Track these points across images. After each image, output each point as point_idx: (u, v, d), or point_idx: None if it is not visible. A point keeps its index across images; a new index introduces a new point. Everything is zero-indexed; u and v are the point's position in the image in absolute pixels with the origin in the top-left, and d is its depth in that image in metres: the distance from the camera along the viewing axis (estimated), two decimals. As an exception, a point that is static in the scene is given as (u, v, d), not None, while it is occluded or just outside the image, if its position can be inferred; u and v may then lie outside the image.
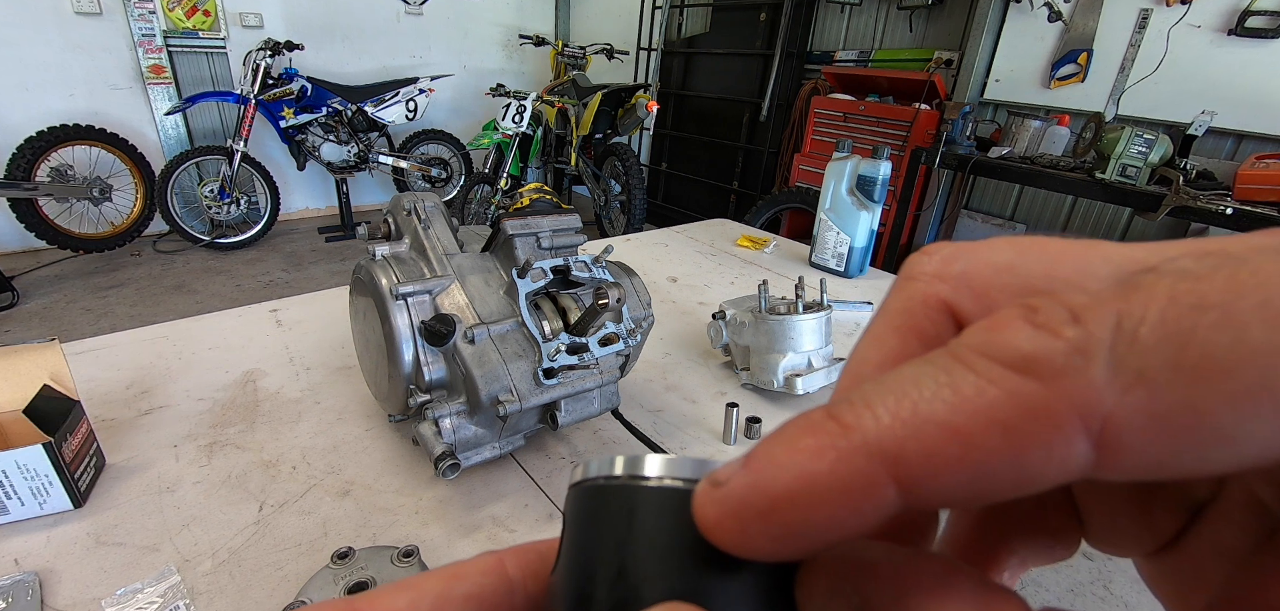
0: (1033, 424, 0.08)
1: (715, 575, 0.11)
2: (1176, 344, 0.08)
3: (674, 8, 4.48)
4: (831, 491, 0.09)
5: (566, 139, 4.05)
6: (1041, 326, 0.09)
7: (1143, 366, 0.08)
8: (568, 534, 0.13)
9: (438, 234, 0.65)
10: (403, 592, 0.13)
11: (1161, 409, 0.08)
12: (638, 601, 0.11)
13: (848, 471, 0.09)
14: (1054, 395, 0.08)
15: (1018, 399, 0.08)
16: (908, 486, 0.09)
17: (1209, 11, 2.42)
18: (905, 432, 0.09)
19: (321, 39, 4.06)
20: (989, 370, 0.09)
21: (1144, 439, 0.08)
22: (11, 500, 0.53)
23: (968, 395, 0.09)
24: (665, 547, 0.11)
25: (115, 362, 0.79)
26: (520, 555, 0.14)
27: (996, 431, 0.08)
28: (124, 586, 0.49)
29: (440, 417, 0.58)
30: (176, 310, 2.88)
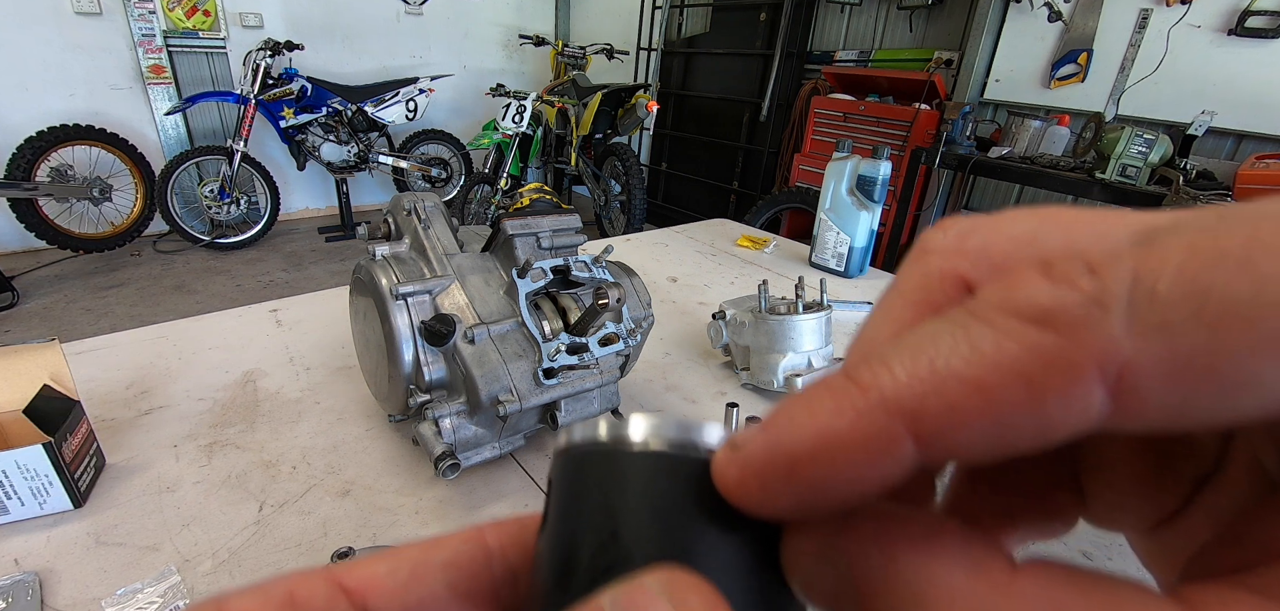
0: (1052, 374, 0.08)
1: (704, 538, 0.11)
2: (1195, 294, 0.08)
3: (674, 8, 4.48)
4: (852, 448, 0.09)
5: (566, 139, 4.05)
6: (1059, 280, 0.09)
7: (1161, 315, 0.08)
8: (554, 499, 0.13)
9: (438, 234, 0.65)
10: (382, 560, 0.13)
11: (1179, 356, 0.08)
12: (628, 563, 0.11)
13: (868, 427, 0.09)
14: (1072, 345, 0.08)
15: (1037, 350, 0.09)
16: (927, 441, 0.09)
17: (1209, 11, 2.42)
18: (925, 388, 0.09)
19: (321, 39, 4.06)
20: (1007, 324, 0.09)
21: (1161, 386, 0.08)
22: (11, 500, 0.53)
23: (986, 350, 0.09)
24: (654, 510, 0.11)
25: (115, 362, 0.79)
26: (500, 527, 0.14)
27: (1017, 383, 0.09)
28: (124, 586, 0.49)
29: (440, 417, 0.58)
30: (176, 310, 2.88)
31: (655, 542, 0.11)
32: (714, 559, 0.11)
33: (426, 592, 0.13)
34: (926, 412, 0.09)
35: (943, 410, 0.09)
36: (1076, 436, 0.09)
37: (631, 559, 0.11)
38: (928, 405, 0.09)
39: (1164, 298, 0.08)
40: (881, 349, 0.10)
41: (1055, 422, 0.09)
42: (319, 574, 0.12)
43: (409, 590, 0.13)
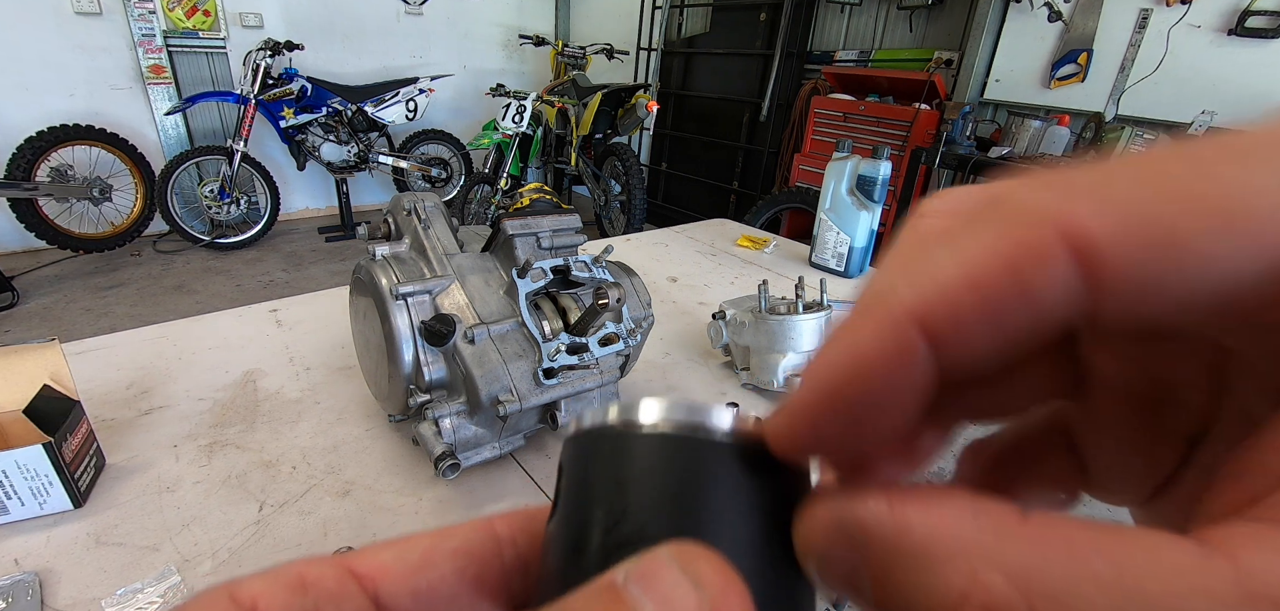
0: (1029, 254, 0.10)
1: (715, 515, 0.11)
2: (1150, 181, 0.09)
3: (674, 8, 4.48)
4: (878, 360, 0.11)
5: (566, 139, 4.05)
6: (1034, 191, 0.10)
7: (1120, 197, 0.09)
8: (565, 483, 0.13)
9: (438, 234, 0.65)
10: (392, 547, 0.13)
11: (1138, 227, 0.09)
12: (641, 540, 0.11)
13: (888, 338, 0.10)
14: (1045, 227, 0.10)
15: (1015, 240, 0.10)
16: (938, 340, 0.10)
17: (1209, 11, 2.42)
18: (929, 295, 0.10)
19: (321, 39, 4.05)
20: (991, 228, 0.10)
21: (1125, 257, 0.09)
22: (11, 500, 0.53)
23: (976, 253, 0.10)
24: (665, 489, 0.11)
25: (115, 362, 0.79)
26: (509, 517, 0.14)
27: (1003, 272, 0.10)
28: (124, 586, 0.49)
29: (440, 417, 0.58)
30: (176, 310, 2.88)
31: (667, 519, 0.11)
32: (726, 535, 0.11)
33: (436, 579, 0.13)
34: (934, 315, 0.10)
35: (947, 309, 0.10)
36: (1064, 319, 0.10)
37: (644, 536, 0.11)
38: (934, 309, 0.10)
39: (1121, 184, 0.09)
40: (887, 278, 0.11)
41: (1040, 300, 0.10)
42: (329, 560, 0.12)
43: (419, 576, 0.13)
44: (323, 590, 0.12)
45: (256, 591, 0.11)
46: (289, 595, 0.11)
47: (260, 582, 0.12)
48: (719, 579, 0.10)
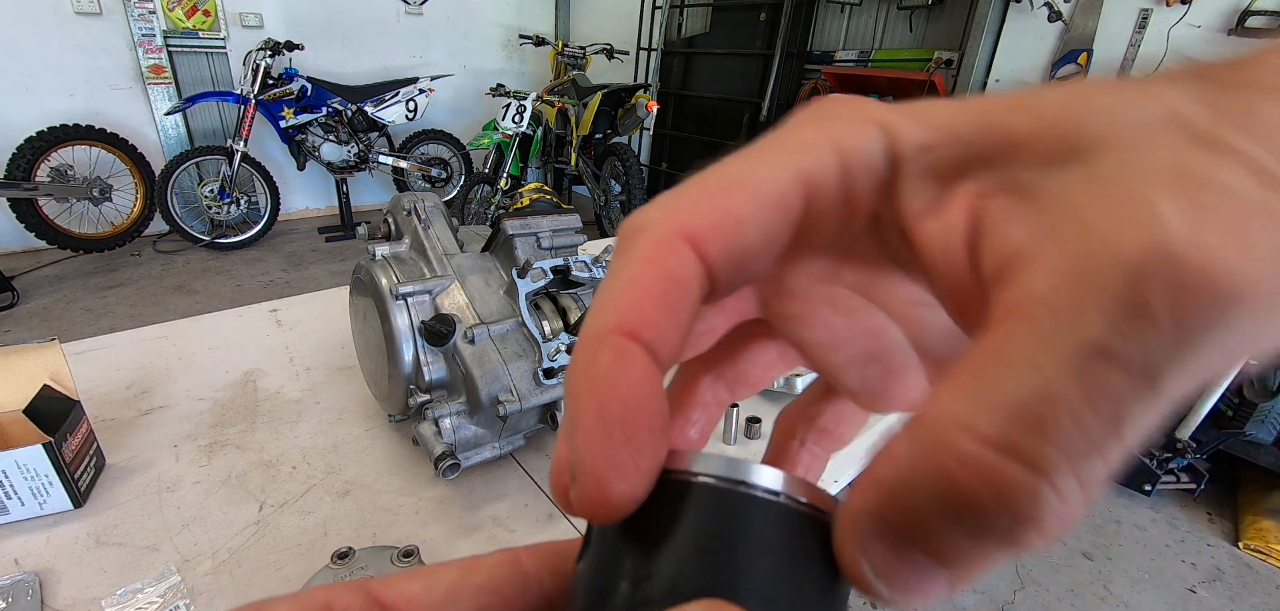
0: (668, 250, 0.12)
1: (749, 573, 0.11)
2: (716, 179, 0.12)
3: (674, 8, 4.48)
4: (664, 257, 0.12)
5: (566, 139, 4.05)
6: (657, 207, 0.13)
7: (703, 199, 0.12)
8: (597, 526, 0.13)
9: (438, 234, 0.65)
10: (418, 578, 0.13)
11: (719, 220, 0.12)
12: (674, 595, 0.11)
13: (660, 245, 0.12)
14: (657, 238, 0.12)
15: (653, 243, 0.12)
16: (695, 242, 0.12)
17: (1209, 11, 2.42)
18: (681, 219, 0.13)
19: (321, 39, 4.05)
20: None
21: (710, 241, 0.12)
22: (11, 500, 0.53)
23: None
24: (699, 543, 0.11)
25: (115, 362, 0.79)
26: (536, 551, 0.14)
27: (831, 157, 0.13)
28: (124, 586, 0.49)
29: (440, 417, 0.58)
30: (176, 310, 2.88)
31: (699, 576, 0.11)
32: (759, 595, 0.11)
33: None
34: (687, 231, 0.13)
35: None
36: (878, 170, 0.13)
37: (676, 591, 0.11)
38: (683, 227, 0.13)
39: (698, 190, 0.12)
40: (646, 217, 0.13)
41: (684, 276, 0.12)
42: (355, 587, 0.12)
43: (445, 609, 0.13)
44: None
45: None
46: None
47: (286, 606, 0.12)
48: None
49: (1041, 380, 0.09)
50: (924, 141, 0.12)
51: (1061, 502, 0.09)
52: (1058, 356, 0.09)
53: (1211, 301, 0.08)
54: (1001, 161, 0.11)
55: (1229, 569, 1.79)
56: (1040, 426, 0.09)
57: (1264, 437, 1.90)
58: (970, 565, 0.10)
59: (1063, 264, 0.09)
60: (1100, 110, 0.10)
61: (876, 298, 0.16)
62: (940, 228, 0.12)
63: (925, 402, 0.10)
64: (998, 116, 0.11)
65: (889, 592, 0.11)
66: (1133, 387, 0.08)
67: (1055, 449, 0.09)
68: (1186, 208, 0.09)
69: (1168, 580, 1.73)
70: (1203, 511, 2.01)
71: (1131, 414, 0.09)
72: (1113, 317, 0.08)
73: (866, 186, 0.13)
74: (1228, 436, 1.94)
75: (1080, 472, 0.09)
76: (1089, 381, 0.09)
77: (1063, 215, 0.10)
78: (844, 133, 0.12)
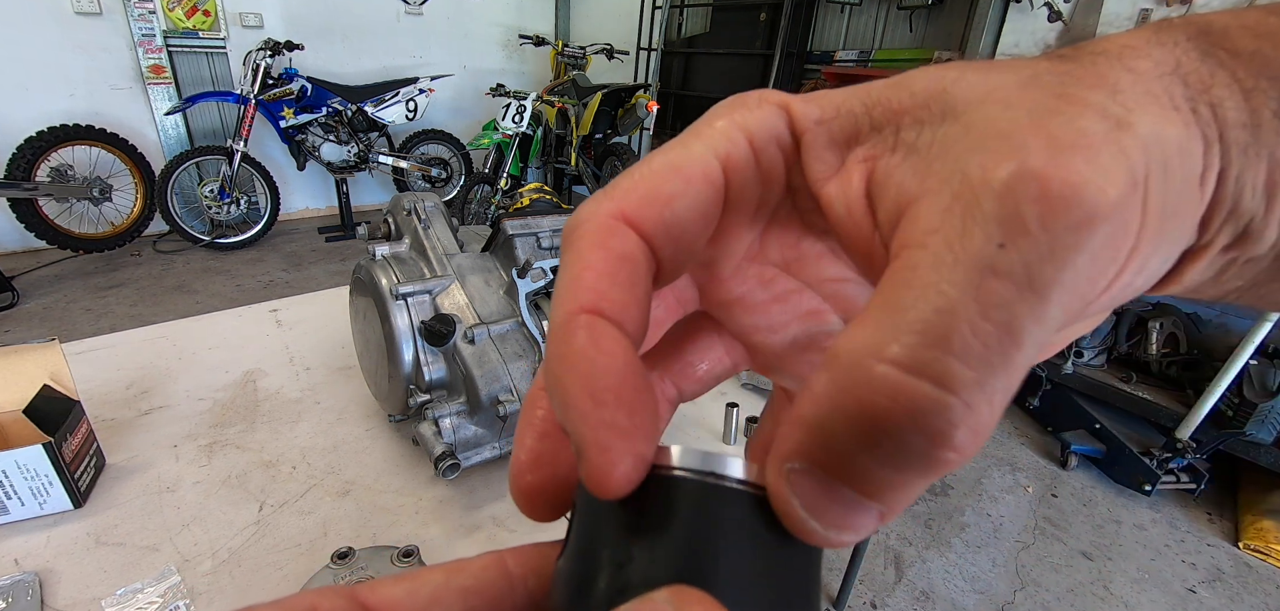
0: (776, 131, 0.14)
1: (720, 562, 0.11)
2: (651, 169, 0.13)
3: (674, 8, 4.48)
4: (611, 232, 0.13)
5: (566, 139, 4.05)
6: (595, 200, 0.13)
7: (641, 184, 0.13)
8: (576, 522, 0.13)
9: (438, 234, 0.65)
10: (403, 582, 0.13)
11: (648, 201, 0.13)
12: (646, 585, 0.11)
13: (611, 219, 0.13)
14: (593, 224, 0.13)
15: (598, 222, 0.13)
16: (634, 222, 0.13)
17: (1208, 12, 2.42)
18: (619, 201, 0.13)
19: (321, 39, 4.05)
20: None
21: (642, 219, 0.13)
22: (11, 500, 0.53)
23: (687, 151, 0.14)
24: (672, 534, 0.12)
25: (115, 362, 0.79)
26: (521, 553, 0.14)
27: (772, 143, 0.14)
28: (124, 586, 0.49)
29: (440, 417, 0.58)
30: (176, 310, 2.88)
31: (671, 564, 0.11)
32: (729, 582, 0.11)
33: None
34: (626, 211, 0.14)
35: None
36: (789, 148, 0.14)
37: (648, 580, 0.11)
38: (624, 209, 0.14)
39: (640, 174, 0.13)
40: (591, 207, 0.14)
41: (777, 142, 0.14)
42: (341, 591, 0.12)
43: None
44: None
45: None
46: None
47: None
48: None
49: (941, 299, 0.09)
50: (819, 116, 0.14)
51: (970, 414, 0.09)
52: (951, 276, 0.10)
53: (1075, 212, 0.09)
54: (887, 127, 0.13)
55: (1229, 569, 1.79)
56: (944, 343, 0.09)
57: (1264, 437, 1.90)
58: (895, 495, 0.10)
59: (947, 196, 0.10)
60: (967, 81, 0.12)
61: (805, 276, 0.17)
62: (841, 186, 0.13)
63: (839, 338, 0.10)
64: (879, 93, 0.13)
65: (823, 530, 0.11)
66: (1019, 295, 0.09)
67: (960, 363, 0.09)
68: (1047, 142, 0.10)
69: (1168, 580, 1.73)
70: (1203, 511, 2.01)
71: (1022, 321, 0.09)
72: (993, 234, 0.10)
73: (776, 159, 0.14)
74: (1228, 436, 1.94)
75: (984, 383, 0.09)
76: (981, 294, 0.09)
77: (943, 159, 0.11)
78: (750, 116, 0.14)
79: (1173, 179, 0.11)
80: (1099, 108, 0.10)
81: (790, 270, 0.17)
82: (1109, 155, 0.10)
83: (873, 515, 0.11)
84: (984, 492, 2.03)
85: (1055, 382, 2.33)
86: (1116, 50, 0.12)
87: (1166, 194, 0.11)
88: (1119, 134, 0.10)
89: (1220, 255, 0.13)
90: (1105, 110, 0.10)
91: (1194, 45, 0.12)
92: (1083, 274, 0.10)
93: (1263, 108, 0.12)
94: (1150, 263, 0.11)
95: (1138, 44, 0.12)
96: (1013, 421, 2.43)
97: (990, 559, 1.77)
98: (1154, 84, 0.11)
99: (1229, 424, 1.96)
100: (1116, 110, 0.10)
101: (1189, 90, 0.11)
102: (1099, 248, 0.10)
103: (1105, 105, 0.10)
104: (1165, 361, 2.19)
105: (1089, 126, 0.10)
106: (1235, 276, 0.13)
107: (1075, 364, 2.31)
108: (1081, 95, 0.11)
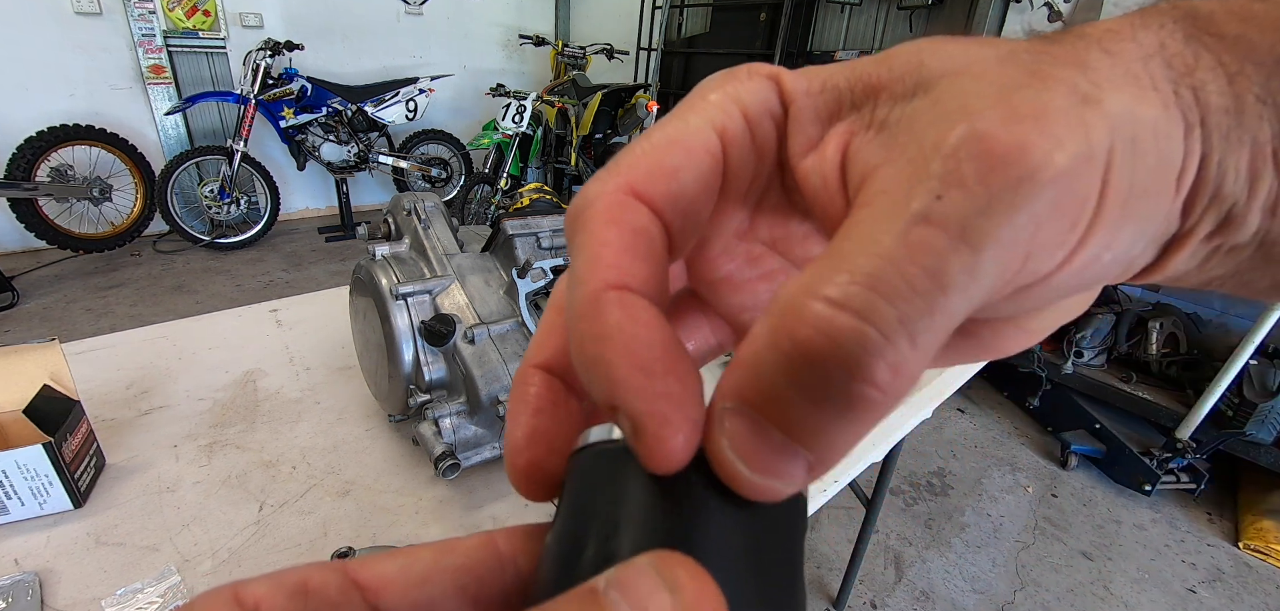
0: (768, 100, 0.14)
1: (701, 527, 0.12)
2: (659, 134, 0.14)
3: (674, 8, 4.48)
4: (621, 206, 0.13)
5: (566, 139, 4.05)
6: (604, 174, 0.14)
7: (645, 153, 0.13)
8: (564, 497, 0.13)
9: (438, 234, 0.65)
10: (395, 558, 0.13)
11: (653, 173, 0.13)
12: (632, 552, 0.11)
13: (619, 195, 0.13)
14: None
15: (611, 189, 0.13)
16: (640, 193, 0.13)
17: (1209, 11, 2.42)
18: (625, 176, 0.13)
19: (321, 39, 4.05)
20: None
21: (650, 189, 0.13)
22: (11, 500, 0.53)
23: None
24: (654, 503, 0.12)
25: (115, 362, 0.79)
26: (512, 533, 0.14)
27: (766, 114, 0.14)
28: (124, 586, 0.49)
29: (440, 417, 0.58)
30: (176, 310, 2.88)
31: (655, 532, 0.11)
32: (712, 548, 0.11)
33: (437, 594, 0.13)
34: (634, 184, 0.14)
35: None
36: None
37: (635, 550, 0.11)
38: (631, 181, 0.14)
39: (649, 140, 0.14)
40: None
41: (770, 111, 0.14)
42: (333, 567, 0.13)
43: (420, 590, 0.13)
44: (324, 597, 0.12)
45: (259, 594, 0.11)
46: (290, 600, 0.12)
47: (263, 586, 0.12)
48: (694, 585, 0.10)
49: (876, 247, 0.10)
50: (807, 89, 0.14)
51: (889, 348, 0.10)
52: (889, 226, 0.10)
53: (1014, 170, 0.10)
54: (866, 104, 0.13)
55: (1229, 569, 1.79)
56: (872, 283, 0.10)
57: (1264, 437, 1.90)
58: (823, 439, 0.11)
59: (903, 163, 0.11)
60: (944, 52, 0.12)
61: (793, 255, 0.17)
62: (817, 161, 0.13)
63: (782, 285, 0.11)
64: (863, 69, 0.13)
65: (750, 474, 0.11)
66: (949, 242, 0.10)
67: (884, 300, 0.10)
68: (1005, 110, 0.10)
69: (1168, 580, 1.73)
70: (1203, 511, 2.01)
71: (950, 269, 0.10)
72: (933, 188, 0.10)
73: (769, 133, 0.14)
74: (1228, 436, 1.94)
75: (908, 323, 0.10)
76: (912, 241, 0.10)
77: (905, 131, 0.12)
78: (743, 88, 0.14)
79: (1143, 157, 0.11)
80: (1068, 83, 0.11)
81: (778, 249, 0.17)
82: (1064, 125, 0.10)
83: (801, 463, 0.11)
84: (984, 492, 2.03)
85: (1055, 382, 2.33)
86: (1098, 34, 0.12)
87: (1135, 172, 0.11)
88: (1083, 108, 0.10)
89: (1203, 243, 0.13)
90: (1074, 86, 0.11)
91: (1179, 28, 0.12)
92: (1022, 231, 0.10)
93: (1246, 92, 0.12)
94: (1118, 241, 0.11)
95: (1122, 28, 0.12)
96: (1013, 421, 2.43)
97: (990, 559, 1.77)
98: (1134, 65, 0.11)
99: (1229, 424, 1.96)
100: (1085, 87, 0.11)
101: (1172, 72, 0.11)
102: (1042, 211, 0.10)
103: (1074, 81, 0.11)
104: (1165, 361, 2.19)
105: (1052, 100, 0.10)
106: (1219, 264, 0.13)
107: (1075, 364, 2.30)
108: (1052, 72, 0.11)
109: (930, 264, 0.10)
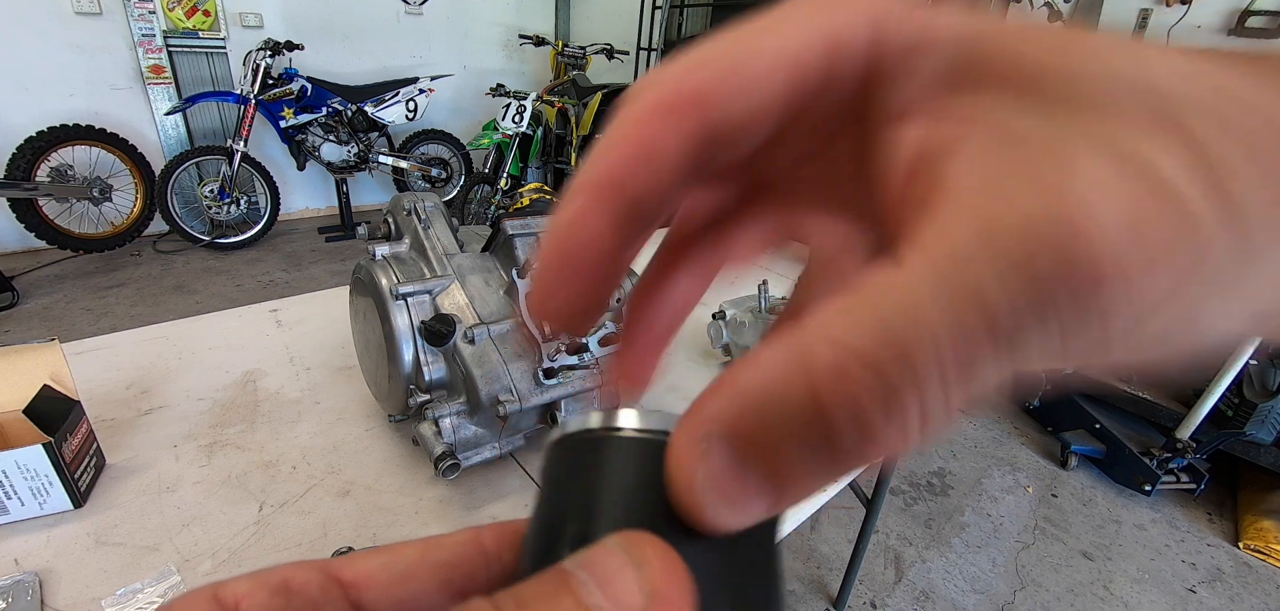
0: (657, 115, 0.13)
1: (670, 512, 0.12)
2: (720, 47, 0.13)
3: (674, 8, 4.48)
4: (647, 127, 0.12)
5: (566, 139, 4.05)
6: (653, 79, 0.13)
7: (710, 58, 0.13)
8: (542, 486, 0.14)
9: (438, 234, 0.65)
10: (378, 555, 0.13)
11: (715, 80, 0.12)
12: (602, 535, 0.12)
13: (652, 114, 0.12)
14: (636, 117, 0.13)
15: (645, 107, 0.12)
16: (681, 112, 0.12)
17: (1209, 12, 2.42)
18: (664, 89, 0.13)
19: (321, 39, 4.05)
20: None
21: (710, 101, 0.12)
22: (11, 500, 0.53)
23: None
24: (627, 488, 0.12)
25: (115, 362, 0.79)
26: (497, 529, 0.14)
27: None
28: (124, 586, 0.49)
29: (440, 417, 0.58)
30: (176, 310, 2.88)
31: (627, 516, 0.12)
32: (680, 529, 0.11)
33: (420, 590, 0.13)
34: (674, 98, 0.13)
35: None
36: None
37: (608, 532, 0.12)
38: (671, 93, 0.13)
39: (710, 50, 0.13)
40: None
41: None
42: (315, 564, 0.13)
43: (403, 586, 0.13)
44: (306, 595, 0.12)
45: (240, 592, 0.12)
46: (272, 597, 0.12)
47: (245, 584, 0.12)
48: (661, 562, 0.10)
49: (917, 309, 0.09)
50: (912, 43, 0.12)
51: (903, 422, 0.09)
52: (938, 292, 0.09)
53: (1086, 278, 0.08)
54: (972, 88, 0.11)
55: (1229, 569, 1.79)
56: (903, 350, 0.09)
57: (1264, 437, 1.90)
58: (798, 486, 0.10)
59: (976, 220, 0.09)
60: (1103, 60, 0.10)
61: (837, 194, 0.16)
62: (893, 136, 0.12)
63: (806, 316, 0.10)
64: (989, 42, 0.11)
65: (713, 506, 0.11)
66: (991, 338, 0.09)
67: (916, 372, 0.09)
68: (1099, 190, 0.09)
69: (1168, 580, 1.73)
70: (1203, 511, 2.01)
71: (984, 360, 0.09)
72: (997, 270, 0.09)
73: (853, 79, 0.12)
74: (1228, 436, 1.94)
75: (925, 401, 0.09)
76: (957, 321, 0.09)
77: (999, 166, 0.10)
78: (838, 16, 0.12)
79: None
80: (1197, 151, 0.09)
81: (825, 181, 0.15)
82: (1159, 217, 0.09)
83: (765, 503, 0.11)
84: (984, 492, 2.03)
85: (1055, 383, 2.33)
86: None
87: None
88: (1192, 194, 0.09)
89: None
90: (1204, 154, 0.09)
91: None
92: (1068, 335, 0.09)
93: None
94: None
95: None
96: (1013, 421, 2.43)
97: (990, 559, 1.77)
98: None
99: (1229, 424, 1.96)
100: (1219, 149, 0.09)
101: None
102: (1095, 316, 0.09)
103: (1208, 146, 0.09)
104: (1165, 361, 2.19)
105: (1168, 174, 0.09)
106: None
107: (1075, 364, 2.31)
108: (1190, 126, 0.09)
109: (967, 351, 0.09)
